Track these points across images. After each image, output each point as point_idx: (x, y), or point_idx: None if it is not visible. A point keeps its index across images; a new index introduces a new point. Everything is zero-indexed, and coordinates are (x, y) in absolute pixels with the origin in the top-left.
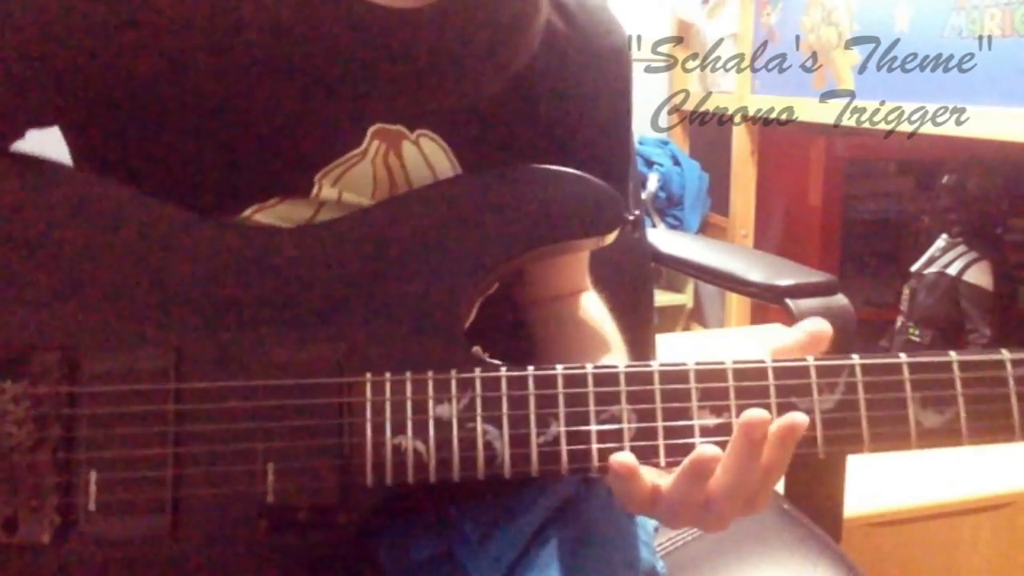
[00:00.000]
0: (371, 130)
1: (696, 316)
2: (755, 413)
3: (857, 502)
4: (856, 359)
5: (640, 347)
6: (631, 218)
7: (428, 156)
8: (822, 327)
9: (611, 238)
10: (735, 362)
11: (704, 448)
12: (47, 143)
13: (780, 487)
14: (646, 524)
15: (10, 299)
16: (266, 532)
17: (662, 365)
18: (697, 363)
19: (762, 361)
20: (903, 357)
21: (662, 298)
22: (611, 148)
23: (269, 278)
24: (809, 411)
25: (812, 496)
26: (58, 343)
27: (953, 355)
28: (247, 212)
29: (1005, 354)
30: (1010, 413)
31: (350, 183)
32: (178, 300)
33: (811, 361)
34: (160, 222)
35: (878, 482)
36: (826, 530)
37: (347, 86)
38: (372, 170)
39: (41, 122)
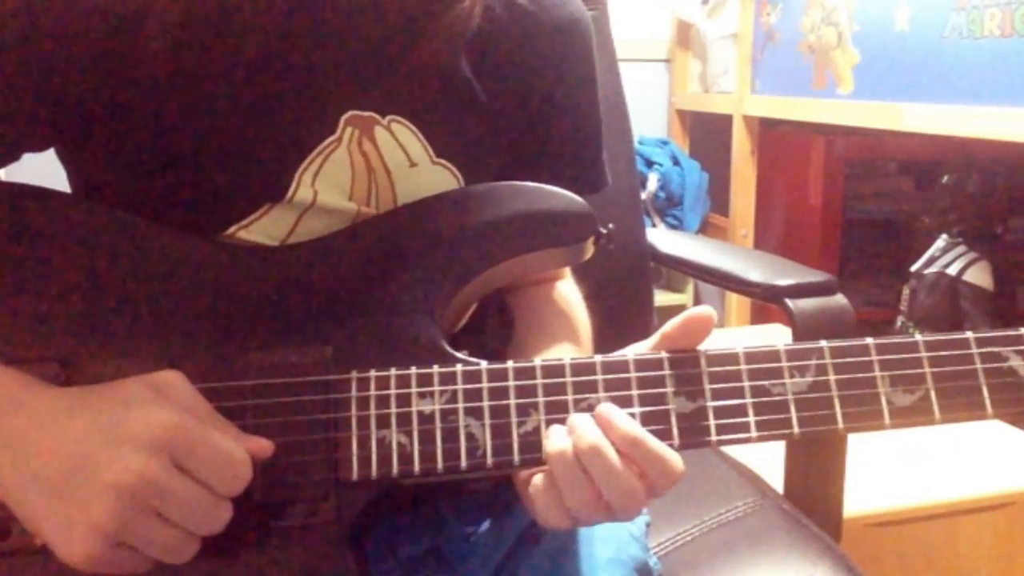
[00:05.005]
0: (344, 117)
1: None
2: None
3: (857, 502)
4: (824, 343)
5: None
6: (604, 231)
7: (400, 140)
8: (703, 311)
9: (588, 254)
10: (707, 350)
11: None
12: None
13: (780, 487)
14: (637, 520)
15: (12, 315)
16: (254, 530)
17: (636, 355)
18: (670, 353)
19: (734, 348)
20: (870, 340)
21: (662, 298)
22: (581, 112)
23: (259, 292)
24: (782, 394)
25: (812, 496)
26: (57, 355)
27: (919, 336)
28: (231, 230)
29: (970, 335)
30: (979, 390)
31: (329, 175)
32: (172, 314)
33: (781, 346)
34: (154, 242)
35: (878, 482)
36: (826, 530)
37: (318, 74)
38: (348, 157)
39: (31, 147)
